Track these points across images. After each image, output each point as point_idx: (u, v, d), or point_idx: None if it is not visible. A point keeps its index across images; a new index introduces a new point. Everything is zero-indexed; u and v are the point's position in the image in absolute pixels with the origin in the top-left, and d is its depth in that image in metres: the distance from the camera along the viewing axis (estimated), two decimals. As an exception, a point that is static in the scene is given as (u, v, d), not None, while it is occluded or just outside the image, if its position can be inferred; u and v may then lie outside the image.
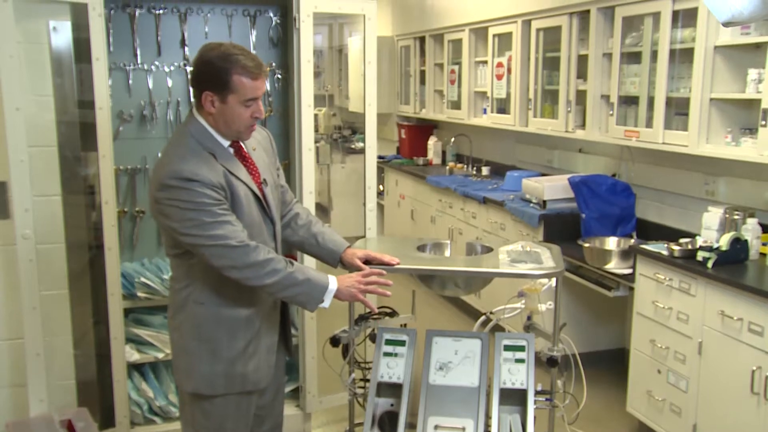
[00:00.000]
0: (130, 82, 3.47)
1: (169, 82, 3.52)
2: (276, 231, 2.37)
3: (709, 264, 3.14)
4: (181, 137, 2.20)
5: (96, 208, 3.19)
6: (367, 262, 2.55)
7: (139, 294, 3.37)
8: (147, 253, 3.61)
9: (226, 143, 2.23)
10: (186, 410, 2.38)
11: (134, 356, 3.38)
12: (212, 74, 2.10)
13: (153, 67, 3.50)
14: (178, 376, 2.34)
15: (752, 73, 3.25)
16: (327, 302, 2.28)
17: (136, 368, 3.50)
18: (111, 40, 3.38)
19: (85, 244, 3.29)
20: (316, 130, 7.21)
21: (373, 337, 2.82)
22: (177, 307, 2.29)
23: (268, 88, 3.65)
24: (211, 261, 2.13)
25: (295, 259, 3.51)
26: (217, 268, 2.14)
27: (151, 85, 3.50)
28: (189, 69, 3.53)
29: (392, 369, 2.62)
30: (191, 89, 2.20)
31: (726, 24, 2.12)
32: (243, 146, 2.30)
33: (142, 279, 3.37)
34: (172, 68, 3.52)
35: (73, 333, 3.16)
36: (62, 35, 3.04)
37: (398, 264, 2.57)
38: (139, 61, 3.47)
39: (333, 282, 2.28)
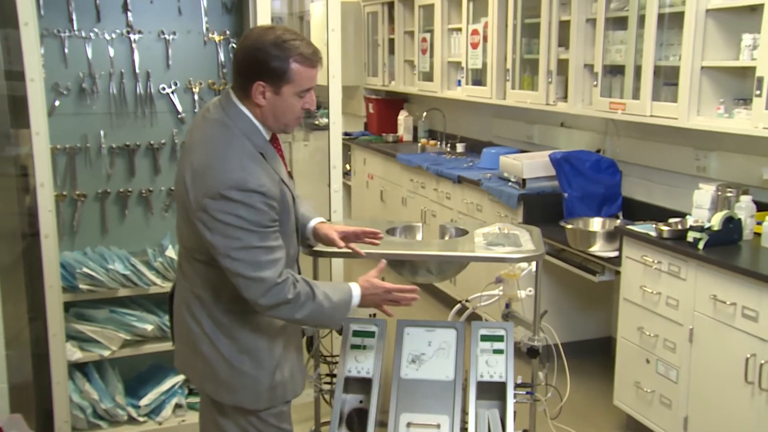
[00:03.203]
0: (66, 50, 3.39)
1: (111, 52, 3.45)
2: (298, 227, 2.36)
3: (700, 245, 3.17)
4: (230, 135, 2.10)
5: (30, 192, 3.14)
6: (345, 237, 2.52)
7: (81, 286, 3.33)
8: (90, 241, 3.56)
9: (268, 136, 2.17)
10: (228, 423, 2.29)
11: (76, 355, 3.34)
12: (267, 63, 2.04)
13: (92, 34, 3.42)
14: (214, 387, 2.24)
15: (747, 39, 3.27)
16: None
17: (78, 368, 3.45)
18: (41, 2, 3.29)
19: (18, 232, 3.24)
20: (276, 105, 7.16)
21: (340, 329, 2.81)
22: (205, 316, 2.20)
23: (222, 58, 3.61)
24: (243, 292, 2.06)
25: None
26: (246, 299, 2.08)
27: (90, 55, 3.42)
28: (168, 38, 3.47)
29: (361, 363, 2.63)
30: (236, 78, 2.12)
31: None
32: (278, 139, 2.25)
33: (85, 269, 3.32)
34: (113, 36, 3.45)
35: (4, 331, 3.09)
36: (-15, -3, 2.96)
37: (381, 237, 2.55)
38: (75, 28, 3.39)
39: (356, 295, 2.27)
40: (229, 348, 2.18)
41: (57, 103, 3.41)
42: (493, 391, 2.54)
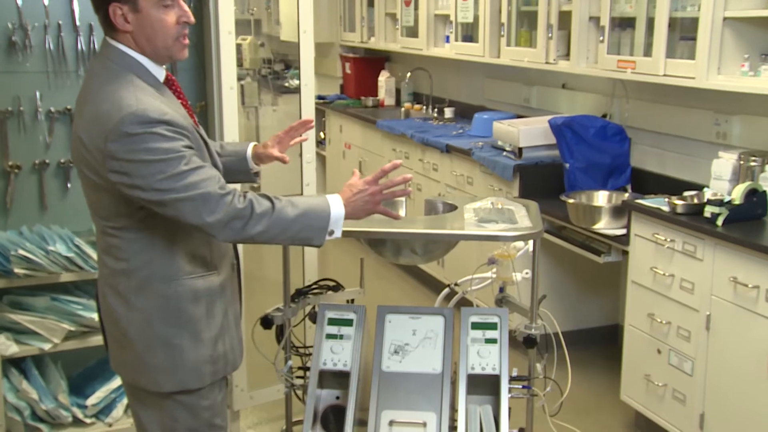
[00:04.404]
0: (-9, -3, 3.34)
1: (45, 0, 3.39)
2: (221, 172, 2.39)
3: (719, 221, 3.17)
4: (116, 75, 2.13)
5: (-46, 162, 3.09)
6: (281, 145, 2.60)
7: (17, 270, 3.29)
8: (26, 219, 3.52)
9: (161, 77, 2.21)
10: (155, 415, 2.33)
11: (12, 349, 3.31)
12: None
13: (21, -22, 3.37)
14: (152, 377, 2.27)
15: (776, -16, 3.26)
16: (339, 231, 2.23)
17: (14, 364, 3.43)
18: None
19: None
20: (240, 65, 7.09)
21: (313, 316, 2.81)
22: (135, 292, 2.23)
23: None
24: (187, 217, 2.07)
25: None
26: (195, 226, 2.09)
27: (20, 2, 3.36)
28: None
29: (337, 354, 2.63)
30: (98, 15, 2.15)
31: None
32: (176, 81, 2.30)
33: (21, 251, 3.28)
34: (48, -19, 3.40)
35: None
36: None
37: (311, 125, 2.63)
38: (-1, -30, 3.34)
39: (336, 204, 2.22)
40: (165, 325, 2.22)
41: (-18, 59, 3.37)
42: (485, 385, 2.55)
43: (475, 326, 2.62)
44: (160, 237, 2.18)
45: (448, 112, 6.28)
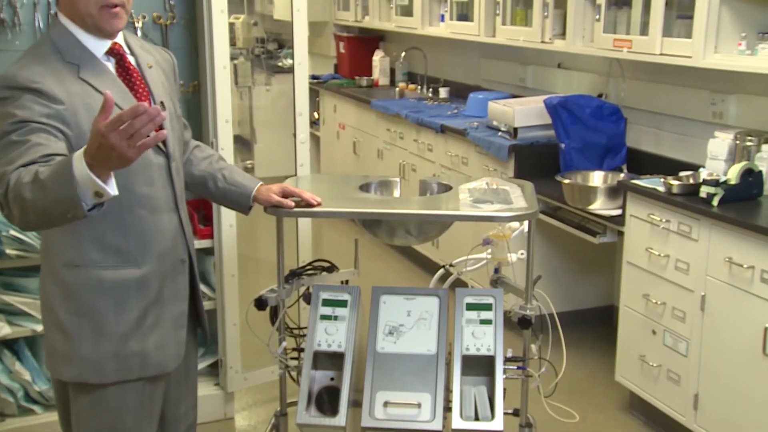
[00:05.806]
0: (-23, -27, 3.29)
1: (35, -24, 3.36)
2: (172, 168, 2.28)
3: (715, 201, 3.18)
4: (36, 44, 2.17)
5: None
6: (285, 197, 2.53)
7: (8, 251, 3.30)
8: (17, 200, 3.51)
9: (100, 50, 2.15)
10: (68, 405, 2.30)
11: (4, 330, 3.32)
12: None
13: (10, -47, 3.33)
14: (53, 363, 2.26)
15: (774, -39, 3.25)
16: (112, 189, 1.81)
17: (6, 345, 3.44)
18: None
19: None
20: (233, 44, 7.08)
21: (307, 297, 2.80)
22: (45, 273, 2.23)
23: (168, -13, 3.55)
24: None
25: (210, 211, 3.47)
26: None
27: (9, -20, 3.34)
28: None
29: (332, 335, 2.63)
30: None
31: None
32: (128, 58, 2.22)
33: (12, 232, 3.29)
34: (37, -44, 3.36)
35: None
36: None
37: (320, 205, 2.52)
38: (-13, -55, 3.30)
39: (79, 164, 1.77)
40: (66, 312, 2.18)
41: (-30, 37, 3.32)
42: (480, 366, 2.55)
43: (470, 307, 2.62)
44: None
45: (443, 92, 6.28)
